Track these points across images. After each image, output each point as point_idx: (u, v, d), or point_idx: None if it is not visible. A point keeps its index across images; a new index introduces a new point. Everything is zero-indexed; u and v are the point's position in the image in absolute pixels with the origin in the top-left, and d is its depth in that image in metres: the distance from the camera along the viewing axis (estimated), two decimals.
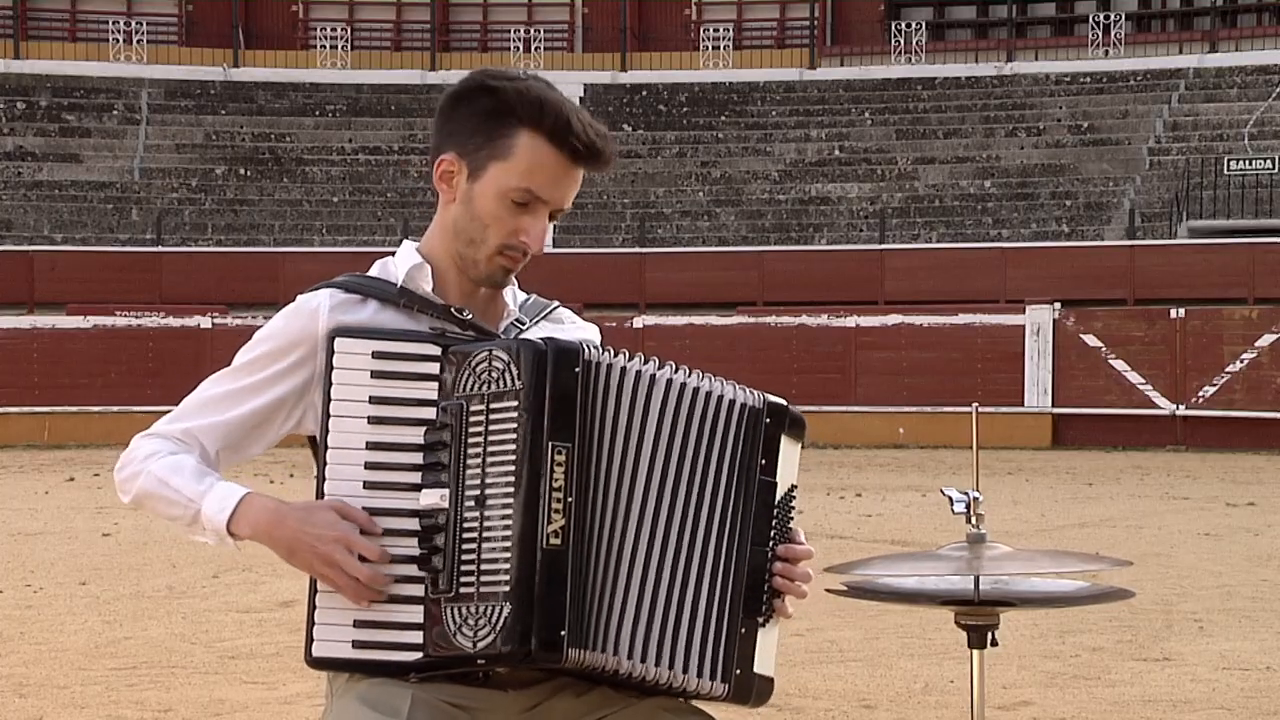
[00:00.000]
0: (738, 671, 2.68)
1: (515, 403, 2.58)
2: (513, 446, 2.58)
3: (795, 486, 2.79)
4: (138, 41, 33.40)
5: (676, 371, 2.68)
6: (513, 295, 2.85)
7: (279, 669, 7.81)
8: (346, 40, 34.25)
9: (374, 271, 2.83)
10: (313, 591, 2.67)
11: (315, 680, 7.18)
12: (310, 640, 2.66)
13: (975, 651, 3.21)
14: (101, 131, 31.03)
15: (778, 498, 2.74)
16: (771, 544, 2.74)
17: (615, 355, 2.66)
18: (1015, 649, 8.22)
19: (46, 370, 24.98)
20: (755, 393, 2.74)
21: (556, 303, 2.92)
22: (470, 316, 2.75)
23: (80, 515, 14.92)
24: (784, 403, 2.76)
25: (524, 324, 2.81)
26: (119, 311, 25.42)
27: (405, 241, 2.84)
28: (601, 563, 2.62)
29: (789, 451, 2.76)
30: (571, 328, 2.89)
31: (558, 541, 2.57)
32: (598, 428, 2.63)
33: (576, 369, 2.61)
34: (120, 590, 10.40)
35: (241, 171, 30.37)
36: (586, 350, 2.64)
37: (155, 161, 30.36)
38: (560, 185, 2.71)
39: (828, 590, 3.31)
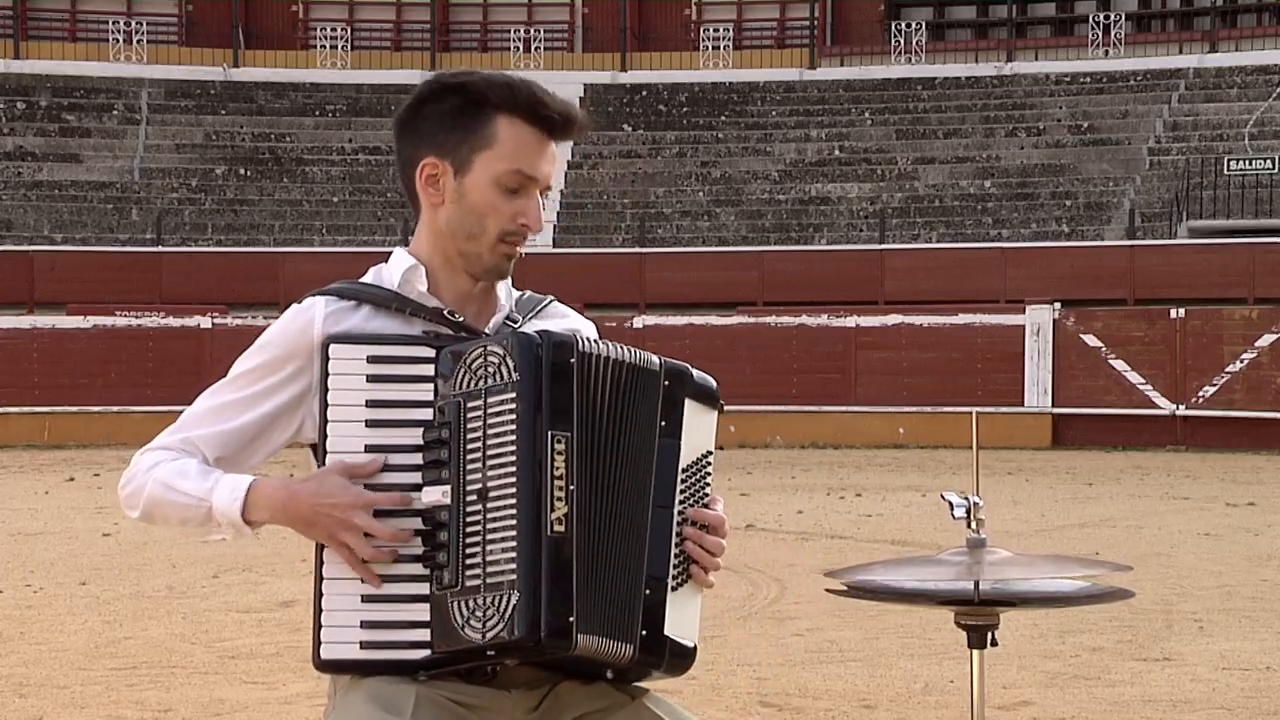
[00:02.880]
0: (643, 632, 2.67)
1: (513, 394, 2.60)
2: (512, 438, 2.60)
3: (710, 453, 2.79)
4: (138, 41, 33.39)
5: (612, 348, 2.70)
6: (507, 292, 2.87)
7: (279, 669, 7.81)
8: (346, 40, 34.24)
9: (367, 278, 2.85)
10: (318, 594, 2.68)
11: (315, 680, 7.17)
12: (318, 643, 2.67)
13: (975, 651, 3.20)
14: (101, 131, 31.03)
15: (684, 461, 2.74)
16: (681, 507, 2.73)
17: (602, 345, 2.69)
18: (1015, 649, 8.22)
19: (46, 370, 24.98)
20: (658, 358, 2.75)
21: (551, 297, 2.94)
22: (462, 319, 2.77)
23: (80, 515, 14.92)
24: (685, 367, 2.76)
25: (517, 321, 2.83)
26: (119, 311, 25.41)
27: (396, 249, 2.87)
28: (600, 546, 2.64)
29: (697, 418, 2.76)
30: (565, 321, 2.90)
31: (561, 529, 2.59)
32: (591, 415, 2.65)
33: (571, 359, 2.63)
34: (120, 590, 10.40)
35: (241, 171, 30.36)
36: (581, 341, 2.66)
37: (155, 161, 30.35)
38: (545, 159, 2.76)
39: (828, 590, 3.31)
